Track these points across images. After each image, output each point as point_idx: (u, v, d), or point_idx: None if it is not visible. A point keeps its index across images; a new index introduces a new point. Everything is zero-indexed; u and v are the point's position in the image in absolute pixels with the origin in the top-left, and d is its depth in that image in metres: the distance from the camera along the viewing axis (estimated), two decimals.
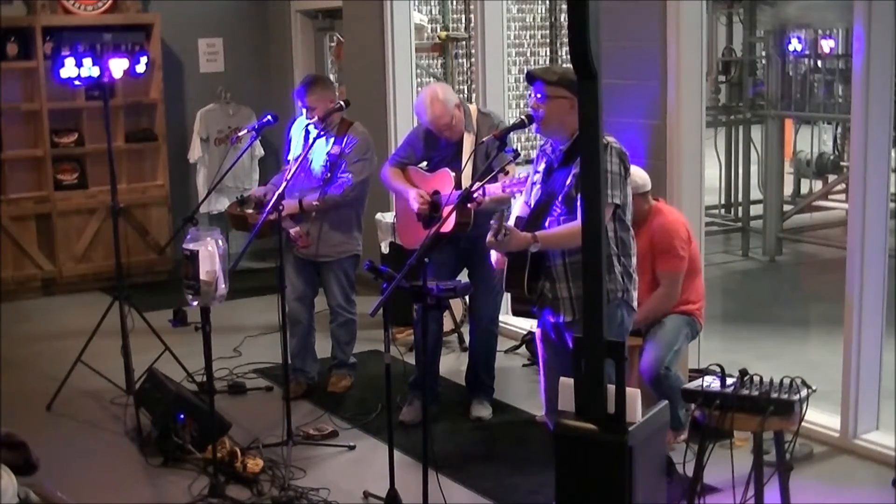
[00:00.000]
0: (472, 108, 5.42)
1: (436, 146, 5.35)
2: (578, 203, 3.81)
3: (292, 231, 5.54)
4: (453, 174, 5.18)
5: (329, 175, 5.54)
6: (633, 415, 3.12)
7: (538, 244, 3.90)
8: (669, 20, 5.32)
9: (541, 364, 4.32)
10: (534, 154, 4.42)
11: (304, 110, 5.55)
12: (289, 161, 5.78)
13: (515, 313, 4.28)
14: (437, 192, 5.26)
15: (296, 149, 5.69)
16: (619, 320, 4.01)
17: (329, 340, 5.95)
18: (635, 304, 4.12)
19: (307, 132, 5.57)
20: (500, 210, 4.08)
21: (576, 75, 3.07)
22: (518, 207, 4.28)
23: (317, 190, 5.56)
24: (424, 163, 5.46)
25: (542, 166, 4.15)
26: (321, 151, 5.57)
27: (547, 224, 4.00)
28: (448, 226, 4.85)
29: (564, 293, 4.00)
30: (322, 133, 5.47)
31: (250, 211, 5.66)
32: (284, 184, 5.17)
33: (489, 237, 3.89)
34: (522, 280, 3.99)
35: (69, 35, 7.81)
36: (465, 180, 5.05)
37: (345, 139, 5.57)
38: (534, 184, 4.18)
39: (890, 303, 4.97)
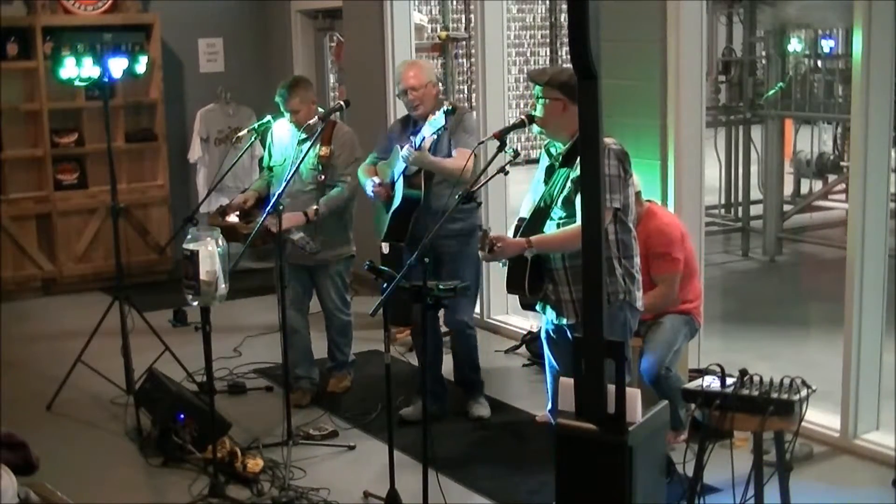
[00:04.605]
0: (448, 101, 5.44)
1: (407, 135, 5.31)
2: (577, 206, 3.82)
3: (296, 238, 5.50)
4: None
5: (324, 178, 5.53)
6: (633, 415, 3.12)
7: (533, 249, 3.91)
8: (669, 20, 5.33)
9: (545, 363, 4.34)
10: (534, 154, 4.43)
11: (288, 114, 5.55)
12: (267, 167, 5.75)
13: (524, 307, 4.29)
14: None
15: (281, 152, 5.66)
16: (623, 321, 4.02)
17: (325, 341, 5.94)
18: (639, 304, 4.12)
19: (291, 136, 5.56)
20: (485, 230, 4.09)
21: (576, 75, 3.07)
22: (524, 207, 4.28)
23: (307, 194, 5.53)
24: None
25: (545, 165, 4.16)
26: (309, 156, 5.53)
27: (546, 227, 4.00)
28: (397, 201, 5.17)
29: (566, 296, 4.01)
30: (309, 136, 5.44)
31: (235, 220, 5.61)
32: (284, 185, 5.15)
33: (479, 252, 3.93)
34: (523, 282, 4.00)
35: (69, 35, 7.81)
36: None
37: (332, 141, 5.55)
38: (538, 181, 4.19)
39: (890, 303, 4.97)
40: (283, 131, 5.68)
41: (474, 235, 5.19)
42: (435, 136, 5.05)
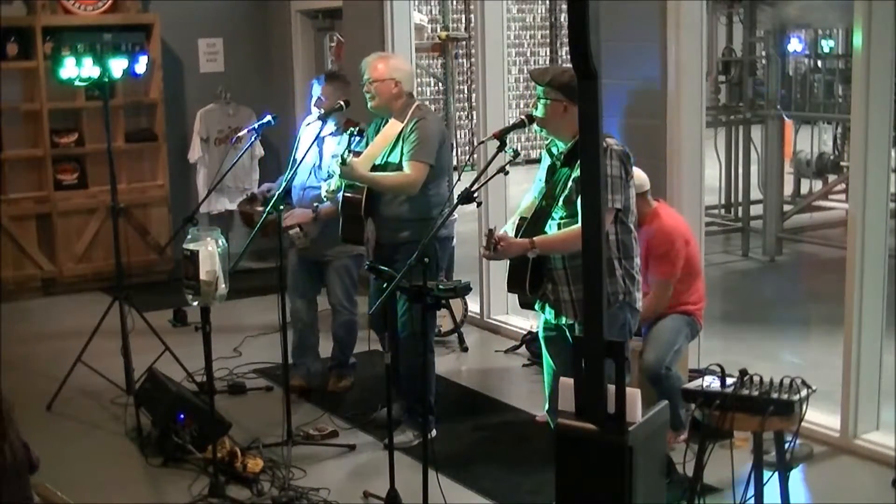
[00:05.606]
0: (417, 104, 5.23)
1: (374, 136, 5.26)
2: (579, 206, 3.82)
3: (292, 232, 5.52)
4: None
5: None
6: (633, 415, 3.12)
7: (536, 250, 3.91)
8: (669, 20, 5.33)
9: (543, 363, 4.34)
10: (534, 154, 4.43)
11: (316, 100, 5.55)
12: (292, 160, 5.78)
13: (522, 305, 4.29)
14: None
15: (304, 148, 5.69)
16: (622, 322, 4.02)
17: (330, 340, 5.94)
18: (639, 304, 4.13)
19: (317, 131, 5.58)
20: (491, 229, 4.06)
21: (576, 75, 3.07)
22: (524, 206, 4.28)
23: (320, 189, 5.54)
24: None
25: (546, 164, 4.16)
26: (330, 152, 5.54)
27: (547, 227, 4.00)
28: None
29: (566, 296, 4.01)
30: (334, 133, 5.47)
31: (259, 208, 5.68)
32: (285, 183, 5.17)
33: (482, 251, 3.91)
34: (524, 282, 4.00)
35: (69, 35, 7.78)
36: (366, 159, 5.01)
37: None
38: (540, 180, 4.19)
39: (890, 303, 4.97)
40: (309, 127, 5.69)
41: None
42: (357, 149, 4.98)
